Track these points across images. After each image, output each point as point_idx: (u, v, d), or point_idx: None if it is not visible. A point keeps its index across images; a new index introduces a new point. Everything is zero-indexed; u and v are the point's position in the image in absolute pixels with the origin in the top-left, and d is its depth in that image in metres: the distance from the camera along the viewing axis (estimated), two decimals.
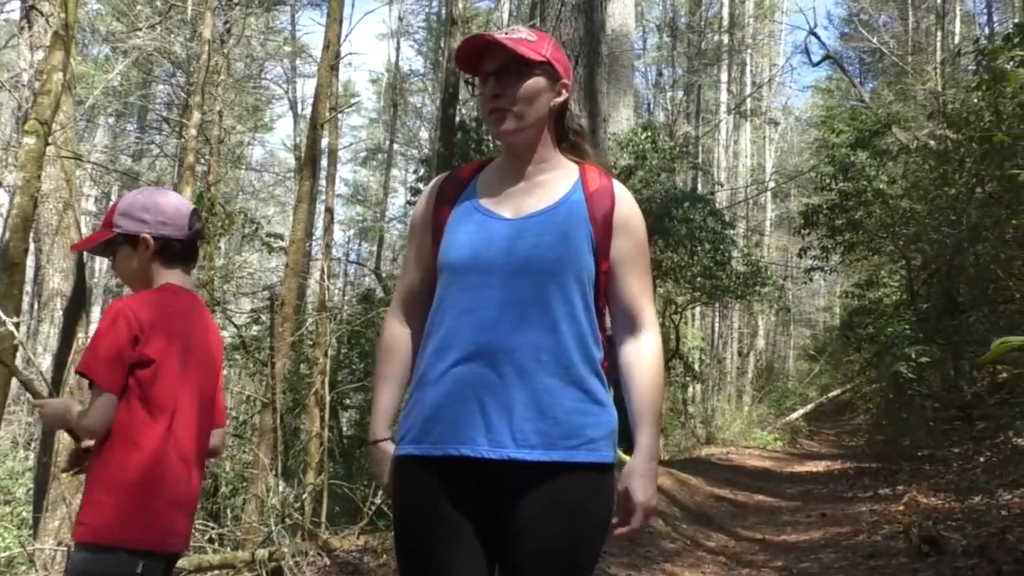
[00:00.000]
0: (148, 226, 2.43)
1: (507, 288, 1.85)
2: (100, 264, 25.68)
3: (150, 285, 2.46)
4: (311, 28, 58.97)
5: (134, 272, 2.48)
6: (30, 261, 6.87)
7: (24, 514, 10.05)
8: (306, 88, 37.03)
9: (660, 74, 27.14)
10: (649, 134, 12.23)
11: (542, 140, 2.00)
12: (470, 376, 1.83)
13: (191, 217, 2.51)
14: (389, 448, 1.99)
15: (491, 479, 1.82)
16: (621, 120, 13.31)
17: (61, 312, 7.67)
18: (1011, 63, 8.41)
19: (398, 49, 29.57)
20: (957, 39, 22.05)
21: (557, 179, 1.99)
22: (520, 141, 1.98)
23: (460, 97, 13.47)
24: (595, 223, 1.93)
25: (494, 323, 1.84)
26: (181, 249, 2.49)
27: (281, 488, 6.26)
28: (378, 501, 5.72)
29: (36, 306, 7.91)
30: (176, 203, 2.52)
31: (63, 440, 6.44)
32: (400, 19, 29.02)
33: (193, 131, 8.77)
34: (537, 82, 1.95)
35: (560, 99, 2.00)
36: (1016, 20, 12.65)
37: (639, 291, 1.97)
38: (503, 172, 2.02)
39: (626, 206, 1.98)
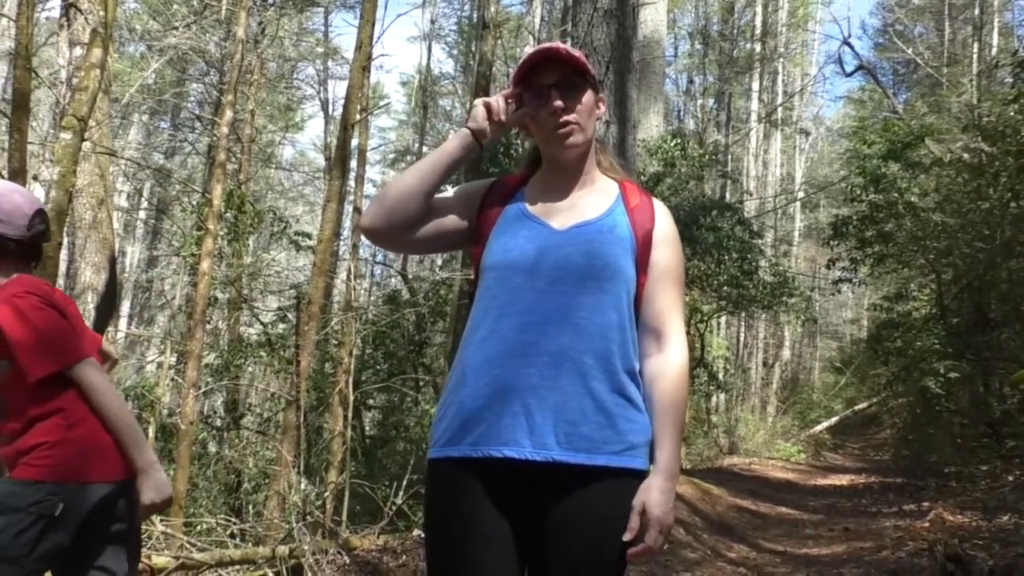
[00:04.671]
0: None
1: (555, 292, 1.86)
2: (131, 260, 25.97)
3: None
4: (344, 30, 59.55)
5: None
6: (63, 255, 6.96)
7: None
8: (337, 89, 37.19)
9: (691, 81, 27.04)
10: (679, 141, 12.22)
11: (589, 156, 2.05)
12: (513, 377, 1.82)
13: (33, 217, 2.48)
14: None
15: (531, 481, 1.81)
16: (651, 127, 13.29)
17: (93, 306, 7.75)
18: None
19: (429, 51, 29.84)
20: (995, 51, 21.80)
21: (599, 195, 2.03)
22: (577, 156, 2.01)
23: None
24: (636, 237, 1.95)
25: (540, 326, 1.84)
26: (16, 248, 2.47)
27: (303, 486, 6.30)
28: (399, 501, 5.73)
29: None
30: (18, 201, 2.47)
31: None
32: (432, 22, 29.11)
33: (225, 129, 8.82)
34: (591, 95, 2.00)
35: (600, 113, 2.04)
36: None
37: (669, 303, 1.96)
38: (547, 187, 2.04)
39: (665, 222, 2.01)
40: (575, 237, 1.92)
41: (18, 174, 6.19)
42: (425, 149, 32.29)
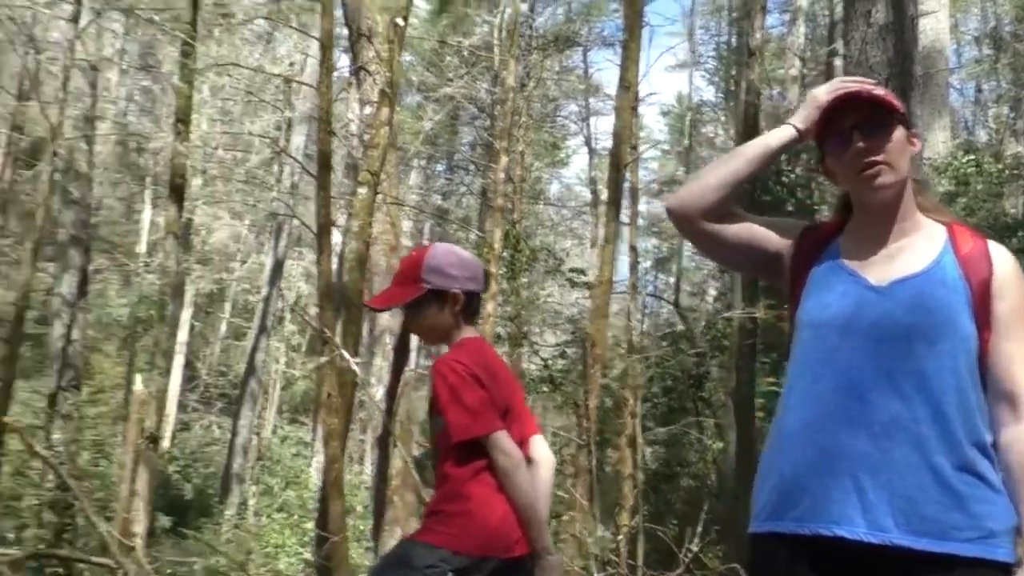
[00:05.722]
0: (458, 282, 2.56)
1: (880, 353, 1.70)
2: None
3: (447, 339, 2.61)
4: (603, 65, 60.67)
5: (437, 327, 2.62)
6: None
7: (362, 527, 11.05)
8: (599, 124, 37.77)
9: (979, 89, 24.91)
10: (972, 157, 11.33)
11: (905, 198, 1.85)
12: (839, 447, 1.67)
13: (485, 272, 2.67)
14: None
15: (864, 567, 1.64)
16: (937, 143, 12.43)
17: (391, 347, 8.28)
18: None
19: (690, 81, 29.61)
20: None
21: (922, 241, 1.83)
22: (889, 198, 1.82)
23: (759, 128, 13.15)
24: (972, 288, 1.74)
25: (865, 389, 1.68)
26: (477, 303, 2.65)
27: (599, 532, 6.30)
28: (695, 548, 5.58)
29: (369, 340, 8.67)
30: (475, 260, 2.67)
31: (396, 465, 7.02)
32: (692, 51, 28.93)
33: (501, 174, 9.22)
34: (900, 132, 1.83)
35: (915, 150, 1.87)
36: None
37: (1018, 359, 1.73)
38: (863, 236, 1.87)
39: (1006, 268, 1.77)
40: (898, 293, 1.74)
41: (325, 229, 6.76)
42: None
